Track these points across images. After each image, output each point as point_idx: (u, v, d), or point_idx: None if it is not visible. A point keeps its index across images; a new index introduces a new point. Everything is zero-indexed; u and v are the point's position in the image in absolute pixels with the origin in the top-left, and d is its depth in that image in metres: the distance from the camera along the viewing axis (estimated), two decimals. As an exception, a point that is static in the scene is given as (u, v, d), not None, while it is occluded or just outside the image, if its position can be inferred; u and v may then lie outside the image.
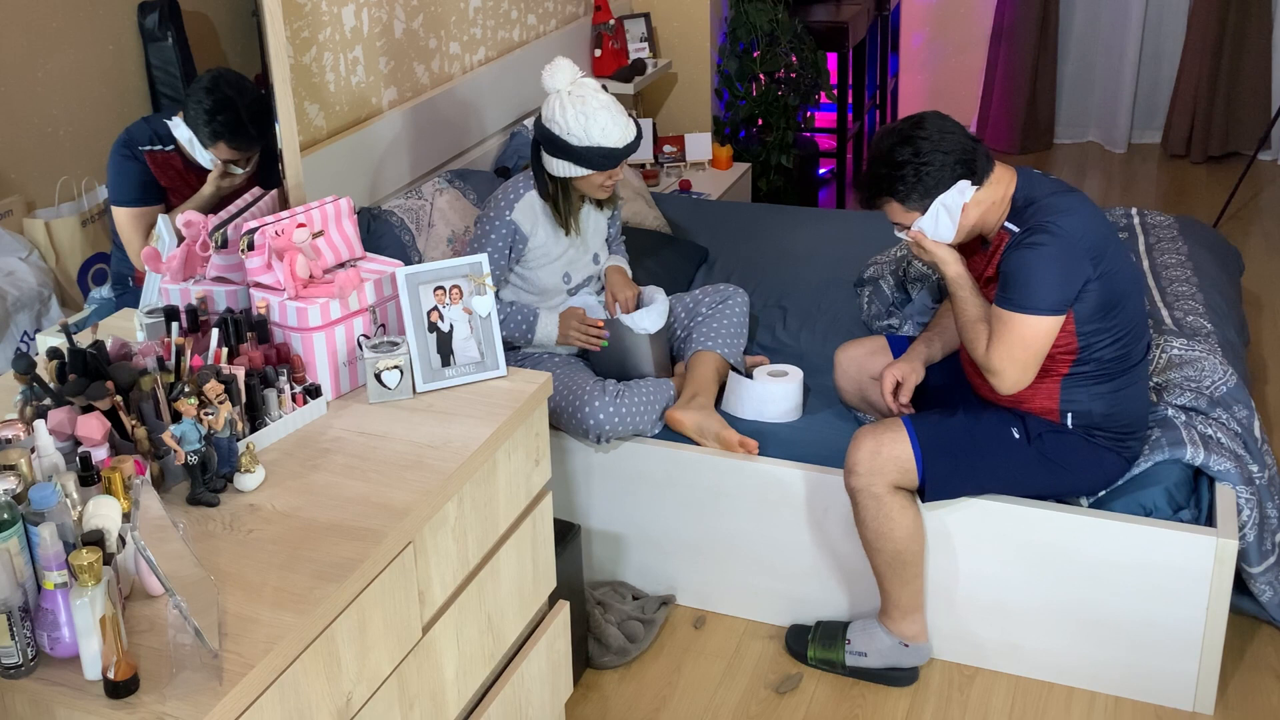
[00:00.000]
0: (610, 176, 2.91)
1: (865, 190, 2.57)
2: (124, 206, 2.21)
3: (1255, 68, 5.94)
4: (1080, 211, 2.48)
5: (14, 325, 2.05)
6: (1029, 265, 2.42)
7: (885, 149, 2.50)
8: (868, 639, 2.76)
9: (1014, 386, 2.50)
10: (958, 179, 2.47)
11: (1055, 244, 2.41)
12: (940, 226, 2.52)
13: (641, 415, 2.92)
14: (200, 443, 1.81)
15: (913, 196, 2.49)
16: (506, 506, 2.14)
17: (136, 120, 2.24)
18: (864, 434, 2.61)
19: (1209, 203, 5.50)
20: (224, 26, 2.42)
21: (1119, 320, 2.51)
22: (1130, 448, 2.65)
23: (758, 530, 2.91)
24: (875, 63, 6.07)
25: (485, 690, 2.16)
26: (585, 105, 2.81)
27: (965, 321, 2.56)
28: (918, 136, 2.47)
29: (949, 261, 2.56)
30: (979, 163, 2.49)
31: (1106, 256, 2.47)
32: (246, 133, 2.37)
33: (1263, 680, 2.75)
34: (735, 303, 3.21)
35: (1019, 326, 2.44)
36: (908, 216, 2.53)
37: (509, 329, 3.01)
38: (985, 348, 2.50)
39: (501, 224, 2.96)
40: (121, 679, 1.46)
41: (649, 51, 4.92)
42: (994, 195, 2.51)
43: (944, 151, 2.46)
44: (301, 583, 1.64)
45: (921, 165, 2.45)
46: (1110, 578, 2.63)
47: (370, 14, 3.37)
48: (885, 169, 2.49)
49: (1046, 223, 2.43)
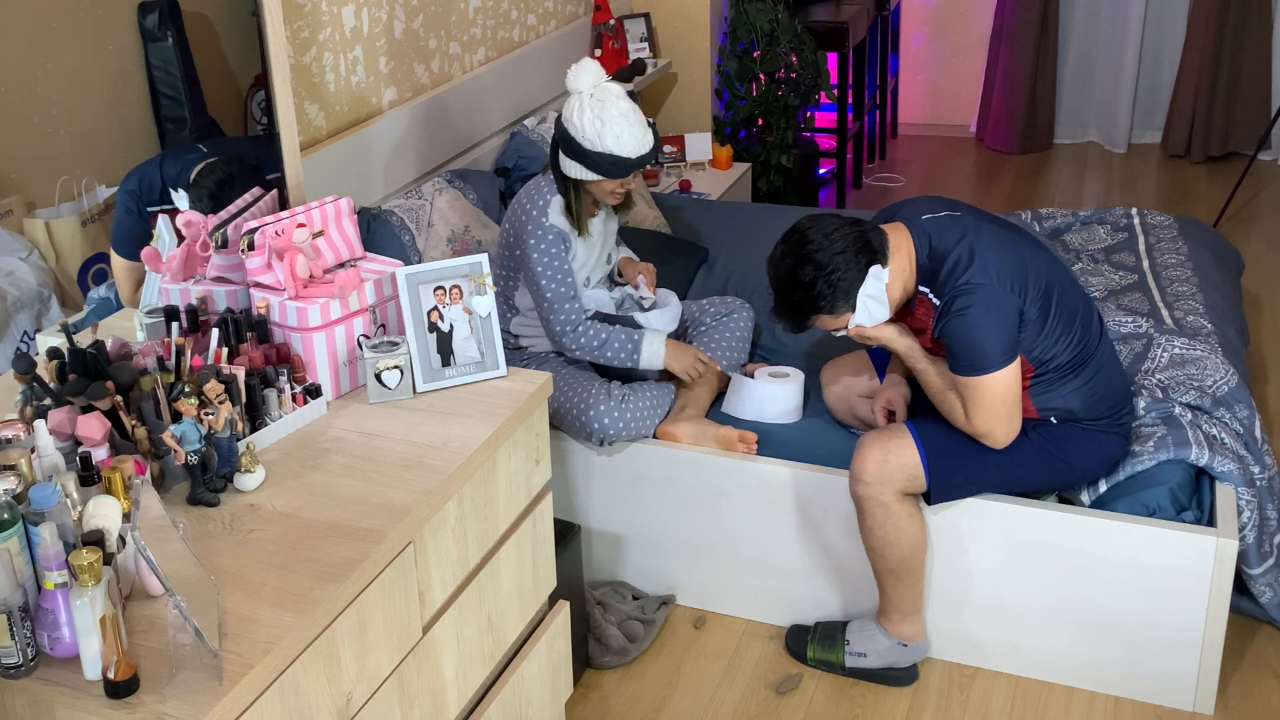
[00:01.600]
0: (622, 185, 2.89)
1: (789, 319, 2.58)
2: (122, 257, 2.21)
3: (1255, 68, 5.94)
4: (984, 253, 2.46)
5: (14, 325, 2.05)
6: (967, 330, 2.44)
7: (785, 274, 2.52)
8: (866, 639, 2.76)
9: (1006, 438, 2.53)
10: (867, 268, 2.49)
11: (979, 301, 2.42)
12: (873, 314, 2.54)
13: (644, 420, 2.92)
14: (200, 443, 1.81)
15: (837, 303, 2.51)
16: (506, 506, 2.14)
17: (148, 164, 2.23)
18: (869, 442, 2.61)
19: (1209, 203, 5.50)
20: (224, 26, 2.42)
21: (1060, 324, 2.52)
22: (1123, 424, 2.67)
23: (758, 530, 2.91)
24: (875, 63, 6.07)
25: (485, 690, 2.16)
26: (604, 111, 2.78)
27: (934, 394, 2.59)
28: (810, 251, 2.48)
29: (895, 338, 2.60)
30: (874, 242, 2.50)
31: (1029, 278, 2.48)
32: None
33: (1263, 680, 2.75)
34: (740, 317, 3.21)
35: (985, 388, 2.47)
36: (840, 321, 2.56)
37: (612, 351, 2.92)
38: (965, 416, 2.53)
39: (545, 231, 2.87)
40: (121, 679, 1.46)
41: (649, 51, 4.92)
42: (902, 263, 2.52)
43: (839, 251, 2.47)
44: (301, 583, 1.64)
45: (830, 274, 2.47)
46: (1110, 578, 2.63)
47: (370, 14, 3.37)
48: (799, 294, 2.51)
49: (961, 285, 2.44)
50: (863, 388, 2.94)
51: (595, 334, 2.90)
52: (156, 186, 2.24)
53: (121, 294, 2.23)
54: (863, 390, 2.94)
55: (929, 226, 2.54)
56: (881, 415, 2.80)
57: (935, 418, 2.66)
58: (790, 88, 5.15)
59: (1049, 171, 6.09)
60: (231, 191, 2.30)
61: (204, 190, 2.29)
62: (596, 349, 2.90)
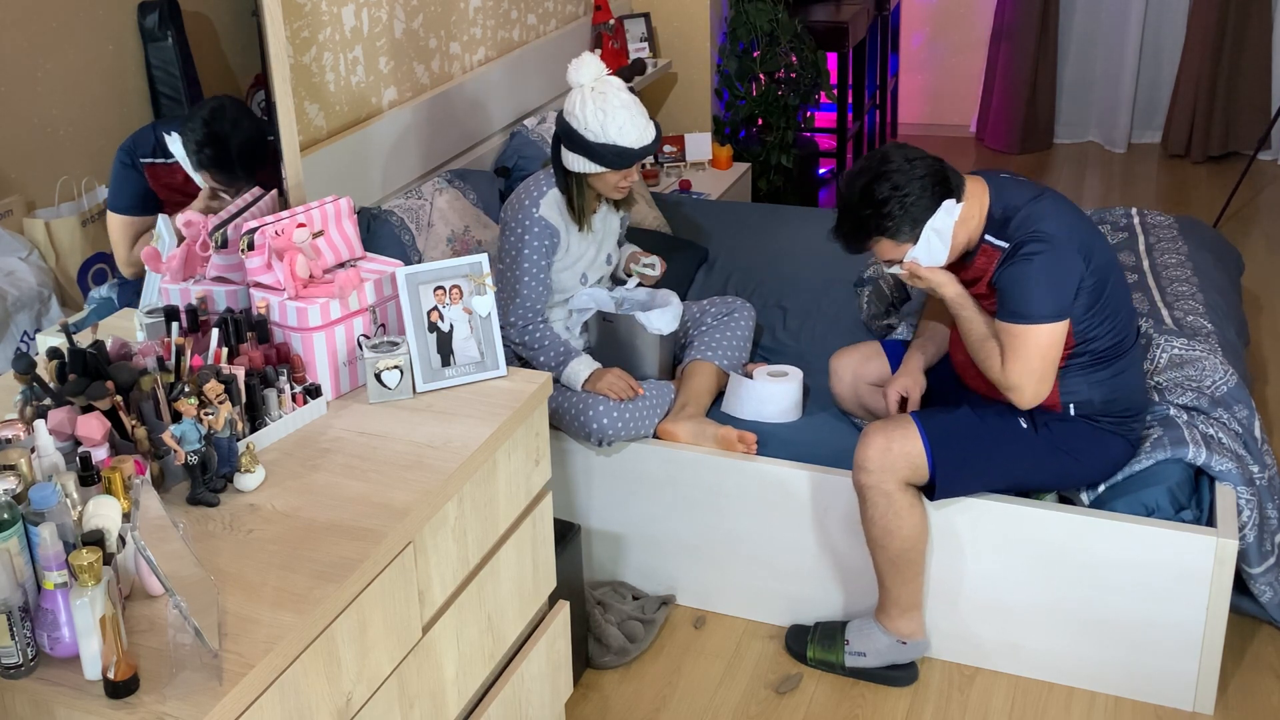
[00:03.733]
0: (625, 177, 2.90)
1: (851, 236, 2.56)
2: (118, 213, 2.21)
3: (1255, 68, 5.94)
4: (1060, 213, 2.50)
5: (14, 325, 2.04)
6: (1027, 277, 2.44)
7: (860, 190, 2.49)
8: (866, 639, 2.76)
9: (1034, 399, 2.51)
10: (941, 200, 2.48)
11: (1047, 252, 2.43)
12: (933, 252, 2.53)
13: (644, 419, 2.92)
14: (200, 443, 1.81)
15: (903, 229, 2.49)
16: (506, 506, 2.14)
17: (144, 127, 2.24)
18: (874, 431, 2.61)
19: (1209, 203, 5.50)
20: (224, 26, 2.42)
21: (1109, 308, 2.54)
22: (1133, 430, 2.67)
23: (758, 530, 2.91)
24: (875, 63, 6.07)
25: (485, 690, 2.16)
26: (606, 102, 2.80)
27: (974, 341, 2.57)
28: (890, 170, 2.47)
29: (946, 284, 2.58)
30: (952, 180, 2.51)
31: (1094, 251, 2.50)
32: (232, 169, 2.37)
33: (1263, 680, 2.75)
34: (741, 316, 3.21)
35: (1029, 338, 2.45)
36: (899, 250, 2.54)
37: (545, 356, 2.93)
38: (1000, 365, 2.51)
39: (532, 222, 2.90)
40: (121, 679, 1.46)
41: (649, 51, 4.92)
42: (972, 209, 2.52)
43: (919, 178, 2.46)
44: (301, 583, 1.64)
45: (904, 196, 2.46)
46: (1110, 578, 2.63)
47: (370, 14, 3.37)
48: (868, 210, 2.49)
49: (1034, 232, 2.45)
50: (873, 375, 2.93)
51: (539, 338, 2.93)
52: (150, 142, 2.24)
53: (118, 256, 2.22)
54: (872, 378, 2.93)
55: (1006, 184, 2.56)
56: (894, 401, 2.79)
57: (942, 410, 2.66)
58: (790, 88, 5.15)
59: (1049, 171, 6.09)
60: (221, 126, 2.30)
61: (196, 124, 2.29)
62: (534, 350, 2.94)
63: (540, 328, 2.94)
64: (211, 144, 2.31)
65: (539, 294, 2.93)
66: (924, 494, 2.64)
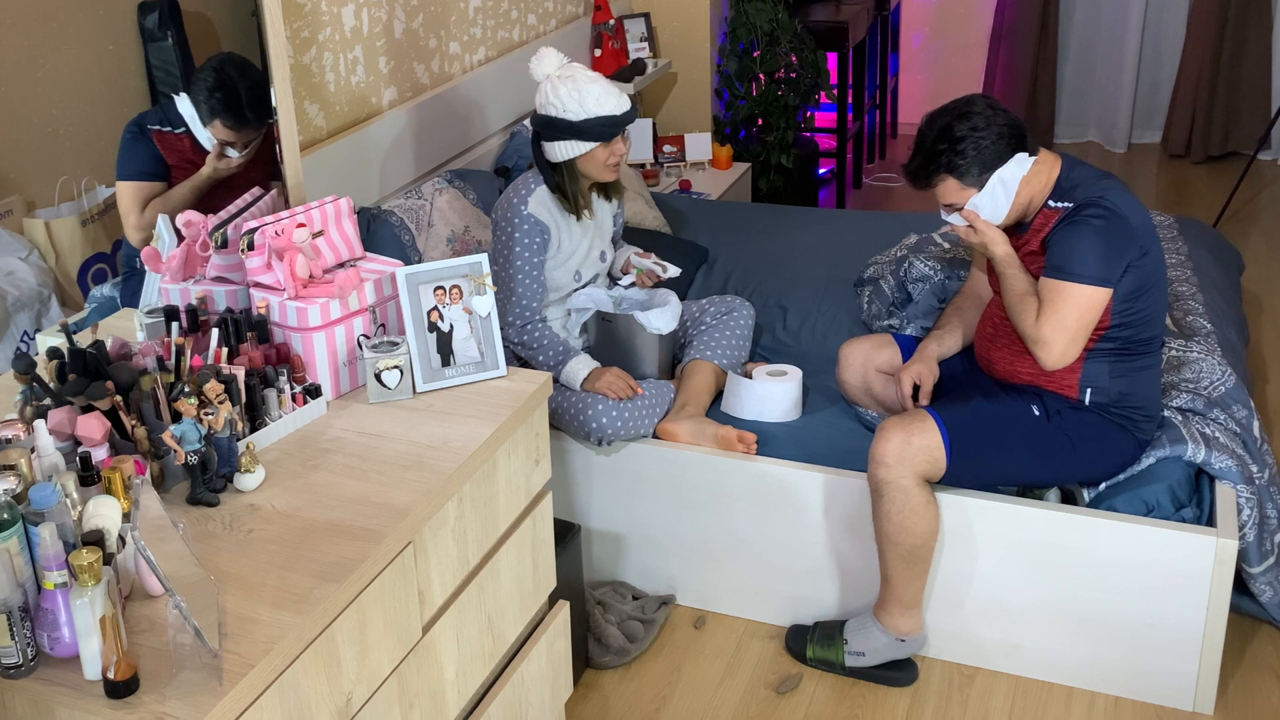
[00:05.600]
0: (613, 153, 2.92)
1: (921, 170, 2.59)
2: (127, 180, 2.22)
3: (1255, 68, 5.94)
4: (1128, 197, 2.54)
5: (14, 325, 2.05)
6: (1080, 237, 2.47)
7: (940, 127, 2.54)
8: (865, 638, 2.76)
9: (1061, 359, 2.52)
10: (1014, 152, 2.52)
11: (1107, 219, 2.47)
12: (996, 204, 2.56)
13: (643, 419, 2.92)
14: (200, 443, 1.81)
15: (972, 171, 2.53)
16: (506, 506, 2.14)
17: (150, 108, 2.27)
18: (891, 426, 2.61)
19: (1209, 203, 5.50)
20: (224, 26, 2.42)
21: (1148, 304, 2.55)
22: (1143, 429, 2.67)
23: (758, 530, 2.91)
24: (875, 63, 6.07)
25: (485, 690, 2.16)
26: (576, 81, 2.85)
27: (1014, 296, 2.58)
28: (972, 112, 2.53)
29: (998, 241, 2.60)
30: (1029, 139, 2.55)
31: (1151, 245, 2.53)
32: (242, 114, 2.39)
33: (1263, 680, 2.75)
34: (740, 315, 3.21)
35: (1069, 295, 2.48)
36: (963, 195, 2.57)
37: (544, 356, 2.94)
38: (1034, 319, 2.52)
39: (521, 220, 2.91)
40: (121, 679, 1.46)
41: (649, 51, 4.92)
42: (1041, 176, 2.57)
43: (999, 125, 2.52)
44: (301, 583, 1.64)
45: (980, 139, 2.51)
46: (1110, 578, 2.63)
47: (370, 14, 3.37)
48: (944, 145, 2.53)
49: (1098, 198, 2.49)
50: (884, 363, 2.93)
51: (537, 337, 2.94)
52: (158, 116, 2.27)
53: (126, 224, 2.23)
54: (882, 365, 2.94)
55: (1078, 164, 2.61)
56: (908, 384, 2.80)
57: (956, 401, 2.67)
58: (790, 88, 5.15)
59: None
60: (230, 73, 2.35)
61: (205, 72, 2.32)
62: (532, 349, 2.93)
63: (539, 327, 2.94)
64: (221, 88, 2.35)
65: (534, 292, 2.94)
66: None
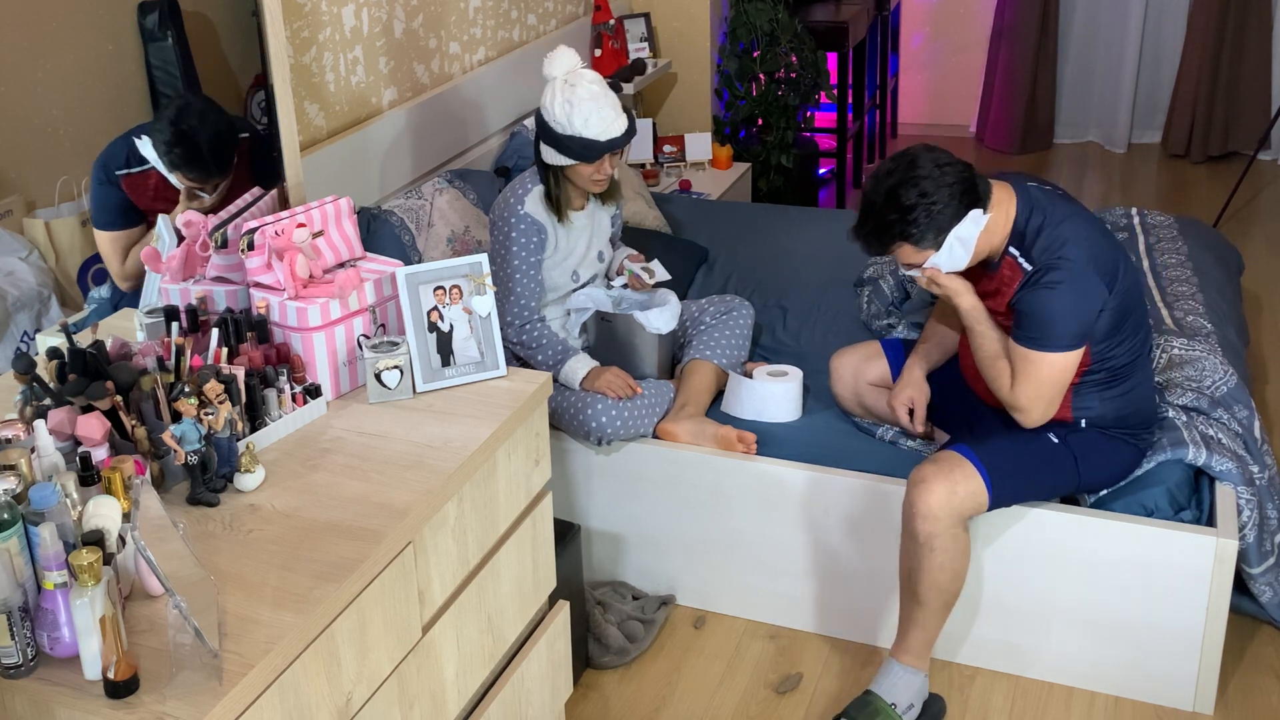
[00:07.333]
0: (598, 169, 2.90)
1: (873, 239, 2.49)
2: (103, 230, 2.20)
3: (1255, 68, 5.94)
4: (1086, 235, 2.45)
5: (14, 325, 2.05)
6: (1048, 305, 2.40)
7: (886, 192, 2.42)
8: (903, 689, 2.58)
9: (1040, 420, 2.51)
10: (969, 209, 2.43)
11: (1070, 279, 2.40)
12: (955, 259, 2.47)
13: (642, 419, 2.92)
14: (200, 443, 1.81)
15: (927, 236, 2.43)
16: (506, 506, 2.14)
17: (115, 140, 2.21)
18: (932, 478, 2.49)
19: (1209, 203, 5.50)
20: (224, 26, 2.42)
21: (1129, 329, 2.52)
22: (1144, 439, 2.66)
23: (758, 530, 2.91)
24: (875, 63, 6.07)
25: (485, 690, 2.16)
26: (574, 95, 2.81)
27: (985, 358, 2.54)
28: (919, 176, 2.40)
29: (963, 293, 2.53)
30: (980, 188, 2.45)
31: (1119, 274, 2.46)
32: (204, 165, 2.34)
33: (1263, 680, 2.75)
34: (740, 314, 3.21)
35: (1042, 365, 2.44)
36: (920, 256, 2.48)
37: (543, 355, 2.93)
38: (1009, 386, 2.49)
39: (518, 219, 2.91)
40: (121, 679, 1.46)
41: (649, 51, 4.92)
42: (998, 219, 2.47)
43: (948, 185, 2.40)
44: (301, 583, 1.64)
45: (931, 204, 2.39)
46: (1110, 578, 2.63)
47: (370, 14, 3.37)
48: (894, 215, 2.42)
49: (1058, 260, 2.41)
50: (873, 376, 2.93)
51: (536, 336, 2.93)
52: (122, 153, 2.22)
53: (111, 270, 2.21)
54: (872, 378, 2.93)
55: (1035, 193, 2.51)
56: (903, 412, 2.79)
57: (985, 438, 2.60)
58: (790, 88, 5.15)
59: (1049, 171, 6.09)
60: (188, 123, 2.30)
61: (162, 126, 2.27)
62: (532, 349, 2.93)
63: (537, 326, 2.94)
64: (180, 143, 2.29)
65: (532, 291, 2.93)
66: None
